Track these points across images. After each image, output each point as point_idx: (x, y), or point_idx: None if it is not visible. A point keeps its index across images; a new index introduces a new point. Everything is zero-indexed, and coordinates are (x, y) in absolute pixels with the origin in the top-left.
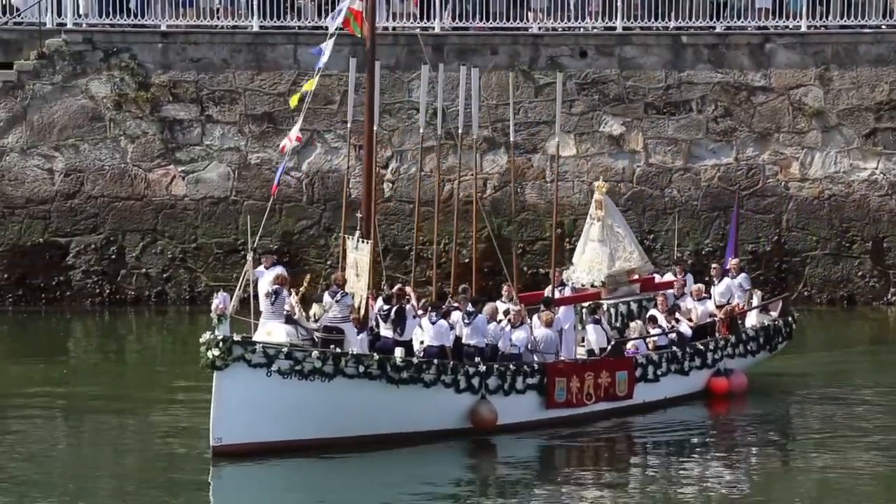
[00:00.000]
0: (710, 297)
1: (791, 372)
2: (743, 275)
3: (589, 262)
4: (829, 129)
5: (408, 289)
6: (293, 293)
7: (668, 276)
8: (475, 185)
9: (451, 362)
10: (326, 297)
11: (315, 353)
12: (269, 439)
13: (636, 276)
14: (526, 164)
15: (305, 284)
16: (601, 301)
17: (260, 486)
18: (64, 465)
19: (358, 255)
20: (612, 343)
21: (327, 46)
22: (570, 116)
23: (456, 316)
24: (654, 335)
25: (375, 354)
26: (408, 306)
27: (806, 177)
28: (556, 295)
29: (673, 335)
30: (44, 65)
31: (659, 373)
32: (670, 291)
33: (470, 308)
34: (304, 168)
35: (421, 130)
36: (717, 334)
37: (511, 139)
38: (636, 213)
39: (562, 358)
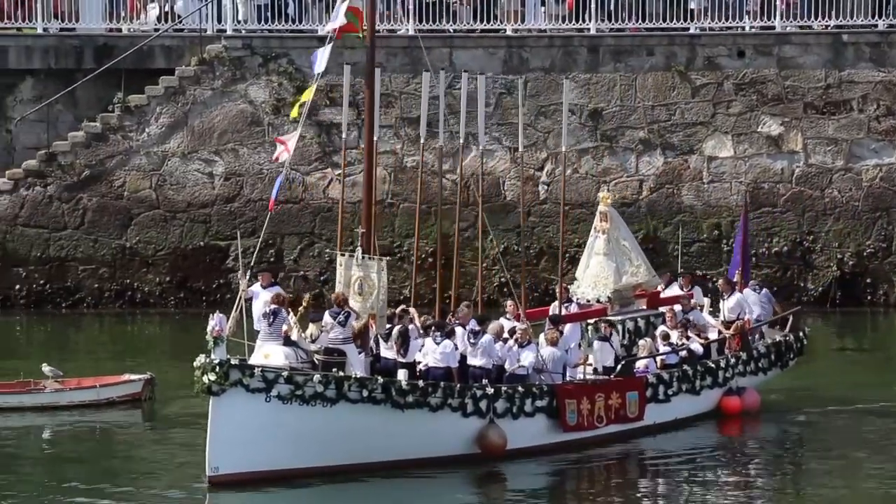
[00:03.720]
0: (712, 313)
1: (810, 387)
2: (765, 290)
3: (594, 277)
4: None
5: (411, 309)
6: (292, 313)
7: (674, 289)
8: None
9: (458, 385)
10: (327, 317)
11: (317, 376)
12: (268, 468)
13: (642, 291)
14: (682, 166)
15: (305, 304)
16: (611, 318)
17: None
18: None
19: (363, 272)
20: (622, 362)
21: (324, 52)
22: (727, 117)
23: (459, 333)
24: (663, 353)
25: (379, 378)
26: (410, 326)
27: None
28: (562, 311)
29: (683, 352)
30: (204, 70)
31: (670, 392)
32: (678, 307)
33: (475, 327)
34: (458, 170)
35: (422, 140)
36: (726, 351)
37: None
38: (795, 213)
39: (569, 378)
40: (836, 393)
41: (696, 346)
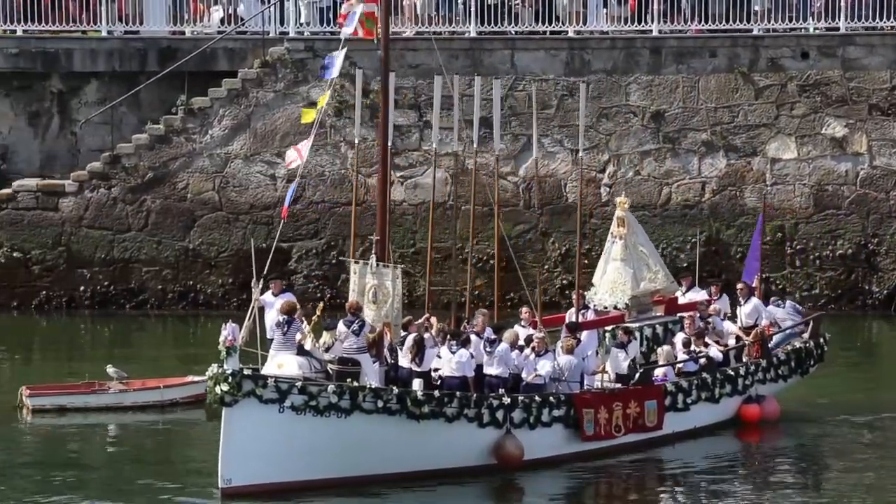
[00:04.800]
0: (730, 319)
1: (833, 396)
2: (790, 302)
3: (611, 283)
4: None
5: (433, 319)
6: (305, 322)
7: (693, 294)
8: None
9: (475, 395)
10: (341, 326)
11: (331, 387)
12: (281, 480)
13: (660, 297)
14: (745, 168)
15: (318, 313)
16: (629, 324)
17: None
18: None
19: (378, 280)
20: (640, 370)
21: (338, 57)
22: (791, 118)
23: (474, 342)
24: (681, 360)
25: (394, 388)
26: (426, 335)
27: None
28: (579, 318)
29: (703, 360)
30: (266, 73)
31: (689, 401)
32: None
33: (491, 335)
34: (520, 173)
35: (434, 145)
36: (745, 358)
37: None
38: (860, 216)
39: (587, 387)
40: (877, 400)
41: (715, 353)
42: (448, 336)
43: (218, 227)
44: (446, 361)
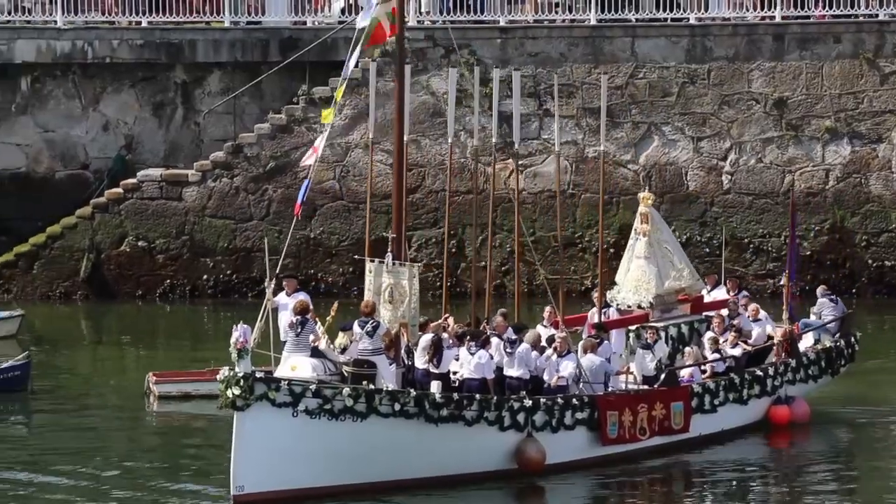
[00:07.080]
0: (765, 319)
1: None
2: (841, 303)
3: (635, 281)
4: None
5: (450, 319)
6: (319, 322)
7: (718, 293)
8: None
9: (495, 397)
10: (356, 327)
11: (346, 390)
12: (295, 486)
13: (685, 296)
14: (870, 155)
15: (333, 313)
16: (654, 324)
17: None
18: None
19: (394, 279)
20: (666, 371)
21: (353, 54)
22: None
23: (494, 343)
24: (708, 361)
25: (412, 391)
26: (444, 335)
27: None
28: (601, 318)
29: (730, 361)
30: (386, 62)
31: (716, 402)
32: (725, 311)
33: (512, 336)
34: (640, 161)
35: (450, 139)
36: (772, 358)
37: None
38: None
39: (611, 388)
40: None
41: (736, 351)
42: (468, 337)
43: (339, 215)
44: (465, 363)
